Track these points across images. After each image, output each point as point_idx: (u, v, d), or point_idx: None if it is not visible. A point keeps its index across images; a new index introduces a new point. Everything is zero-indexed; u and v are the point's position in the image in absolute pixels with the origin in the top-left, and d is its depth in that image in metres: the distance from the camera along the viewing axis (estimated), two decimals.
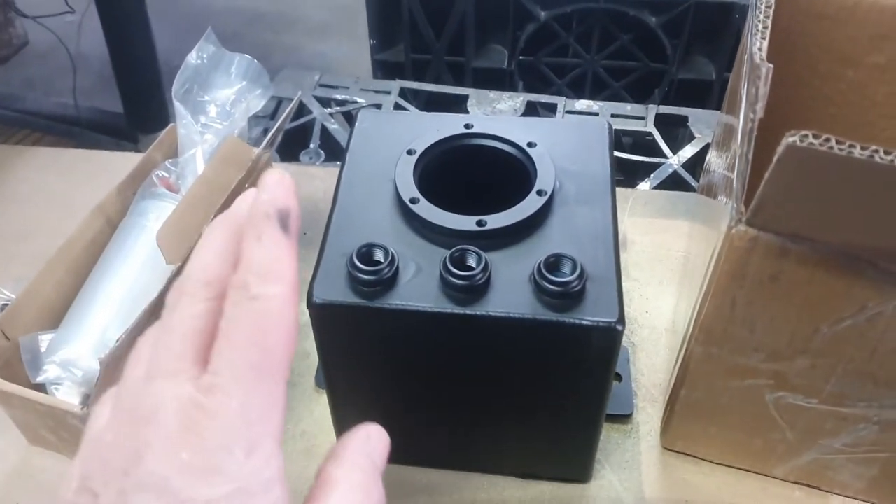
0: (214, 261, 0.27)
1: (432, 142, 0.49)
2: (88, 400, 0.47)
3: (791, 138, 0.32)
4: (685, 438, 0.53)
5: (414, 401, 0.49)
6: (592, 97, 1.03)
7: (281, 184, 0.27)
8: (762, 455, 0.51)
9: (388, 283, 0.42)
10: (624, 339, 0.60)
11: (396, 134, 0.51)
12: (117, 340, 0.46)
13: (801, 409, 0.47)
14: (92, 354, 0.50)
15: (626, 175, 0.79)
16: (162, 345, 0.26)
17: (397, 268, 0.43)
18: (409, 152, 0.49)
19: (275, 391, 0.25)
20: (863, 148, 0.31)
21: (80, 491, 0.24)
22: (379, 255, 0.43)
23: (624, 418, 0.56)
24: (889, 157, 0.31)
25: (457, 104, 0.87)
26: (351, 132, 0.51)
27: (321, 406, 0.56)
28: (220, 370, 0.24)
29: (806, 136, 0.31)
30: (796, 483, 0.52)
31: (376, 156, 0.50)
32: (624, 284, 0.64)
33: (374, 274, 0.42)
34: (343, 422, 0.51)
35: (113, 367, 0.47)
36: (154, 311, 0.50)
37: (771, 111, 0.40)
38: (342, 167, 0.49)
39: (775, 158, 0.33)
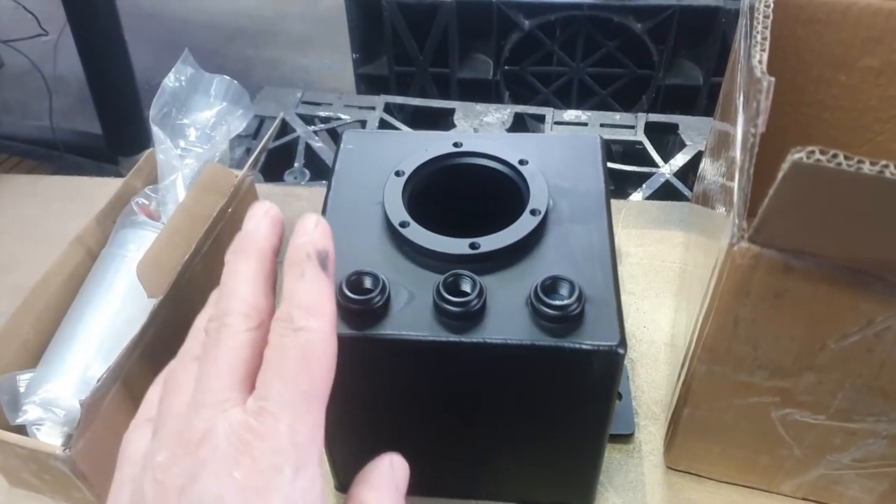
0: (249, 292, 0.29)
1: (421, 162, 0.48)
2: (71, 441, 0.45)
3: (797, 155, 0.30)
4: (689, 457, 0.52)
5: (409, 430, 0.47)
6: (579, 105, 1.02)
7: (319, 226, 0.30)
8: (769, 472, 0.50)
9: (380, 311, 0.41)
10: None
11: (383, 155, 0.49)
12: (99, 380, 0.44)
13: (808, 426, 0.45)
14: (74, 393, 0.48)
15: (618, 185, 0.78)
16: (208, 376, 0.28)
17: (389, 295, 0.41)
18: (398, 174, 0.47)
19: (318, 417, 0.27)
20: (872, 163, 0.30)
21: None
22: (369, 283, 0.41)
23: (625, 437, 0.54)
24: None
25: (443, 118, 0.85)
26: (336, 154, 0.50)
27: None
28: (270, 396, 0.26)
29: (812, 152, 0.30)
30: (804, 499, 0.51)
31: (363, 178, 0.48)
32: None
33: (365, 303, 0.40)
34: (336, 454, 0.49)
35: (95, 407, 0.45)
36: (137, 346, 0.48)
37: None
38: (328, 191, 0.48)
39: (780, 175, 0.32)
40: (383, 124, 0.81)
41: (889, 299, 0.37)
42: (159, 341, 0.51)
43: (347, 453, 0.50)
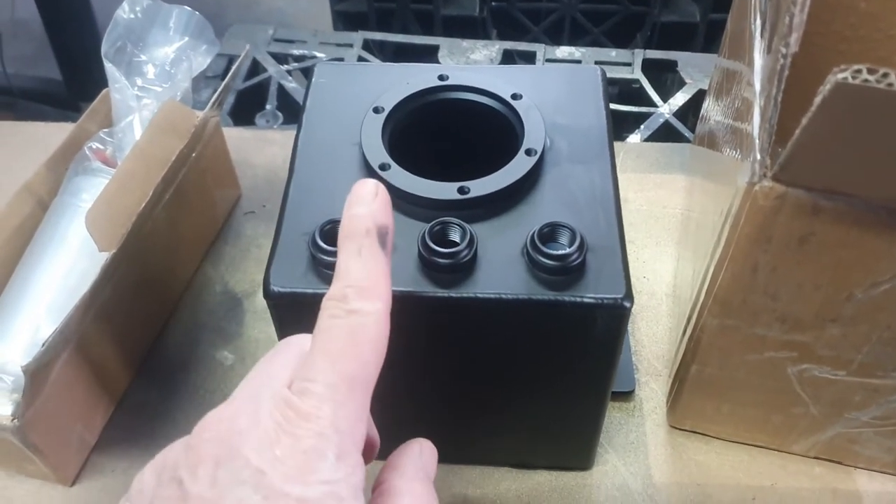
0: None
1: (402, 97, 0.43)
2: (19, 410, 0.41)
3: (841, 75, 0.26)
4: (695, 417, 0.48)
5: (396, 394, 0.43)
6: (571, 44, 0.97)
7: (379, 197, 0.28)
8: (781, 431, 0.46)
9: None
10: None
11: (360, 89, 0.44)
12: (44, 343, 0.40)
13: (827, 382, 0.42)
14: (23, 357, 0.43)
15: (615, 126, 0.73)
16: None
17: None
18: (376, 110, 0.42)
19: (363, 404, 0.26)
20: None
21: (162, 483, 0.24)
22: None
23: (625, 395, 0.51)
24: None
25: (427, 56, 0.80)
26: (307, 89, 0.45)
27: None
28: (315, 377, 0.25)
29: (859, 70, 0.26)
30: (817, 458, 0.48)
31: (338, 116, 0.43)
32: None
33: None
34: None
35: (42, 373, 0.41)
36: (90, 306, 0.43)
37: None
38: (298, 131, 0.43)
39: (818, 100, 0.27)
40: (362, 62, 0.75)
41: None
42: (115, 300, 0.47)
43: None
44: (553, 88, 0.45)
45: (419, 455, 0.31)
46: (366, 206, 0.28)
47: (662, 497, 0.46)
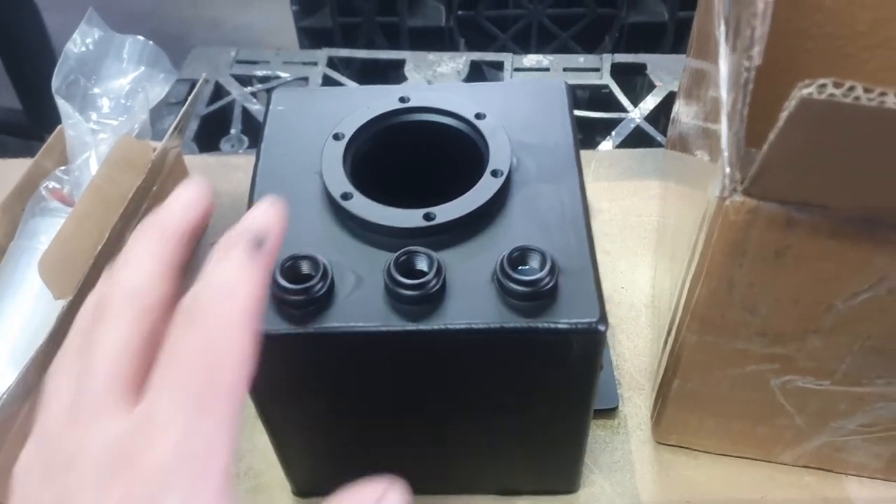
0: (143, 272, 0.24)
1: (363, 122, 0.42)
2: None
3: (806, 90, 0.25)
4: (680, 432, 0.47)
5: (371, 430, 0.42)
6: (540, 50, 0.96)
7: (270, 209, 0.25)
8: (767, 443, 0.46)
9: (323, 301, 0.35)
10: None
11: (319, 115, 0.43)
12: (4, 393, 0.38)
13: (811, 392, 0.41)
14: None
15: (585, 134, 0.72)
16: (87, 375, 0.23)
17: (332, 281, 0.35)
18: (336, 137, 0.41)
19: (221, 423, 0.22)
20: None
21: None
22: (307, 268, 0.35)
23: (609, 412, 0.50)
24: None
25: (393, 70, 0.78)
26: (265, 117, 0.44)
27: (266, 436, 0.49)
28: (158, 400, 0.22)
29: (824, 85, 0.25)
30: (806, 468, 0.47)
31: (297, 144, 0.42)
32: None
33: (304, 292, 0.34)
34: (290, 459, 0.44)
35: (3, 428, 0.39)
36: (49, 355, 0.42)
37: None
38: (256, 162, 0.41)
39: (784, 115, 0.26)
40: (327, 80, 0.74)
41: None
42: None
43: (303, 457, 0.44)
44: (518, 105, 0.44)
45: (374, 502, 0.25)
46: (249, 220, 0.25)
47: None
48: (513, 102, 0.44)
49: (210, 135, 0.71)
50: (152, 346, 0.23)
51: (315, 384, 0.38)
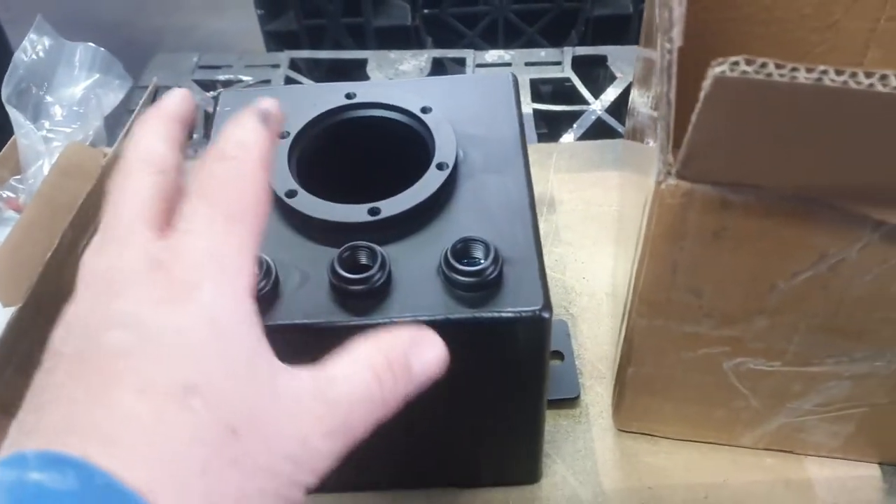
0: (156, 142, 0.27)
1: (308, 120, 0.42)
2: None
3: (719, 68, 0.25)
4: (640, 418, 0.47)
5: None
6: (507, 46, 0.96)
7: (271, 100, 0.28)
8: (726, 426, 0.46)
9: (268, 298, 0.35)
10: (562, 310, 0.54)
11: None
12: None
13: (763, 374, 0.41)
14: None
15: (550, 128, 0.72)
16: (113, 218, 0.25)
17: (276, 278, 0.35)
18: (282, 135, 0.41)
19: (246, 242, 0.25)
20: (808, 70, 0.25)
21: (45, 364, 0.23)
22: None
23: (571, 402, 0.50)
24: (841, 79, 0.25)
25: (356, 70, 0.79)
26: (212, 120, 0.44)
27: None
28: (192, 218, 0.24)
29: (737, 63, 0.25)
30: (767, 450, 0.47)
31: None
32: (556, 250, 0.58)
33: None
34: None
35: None
36: (7, 363, 0.42)
37: (689, 39, 0.33)
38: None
39: (702, 96, 0.26)
40: (289, 83, 0.74)
41: (842, 229, 0.33)
42: (39, 353, 0.45)
43: None
44: (465, 99, 0.44)
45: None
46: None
47: None
48: (460, 96, 0.44)
49: None
50: (168, 197, 0.26)
51: None
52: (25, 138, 0.50)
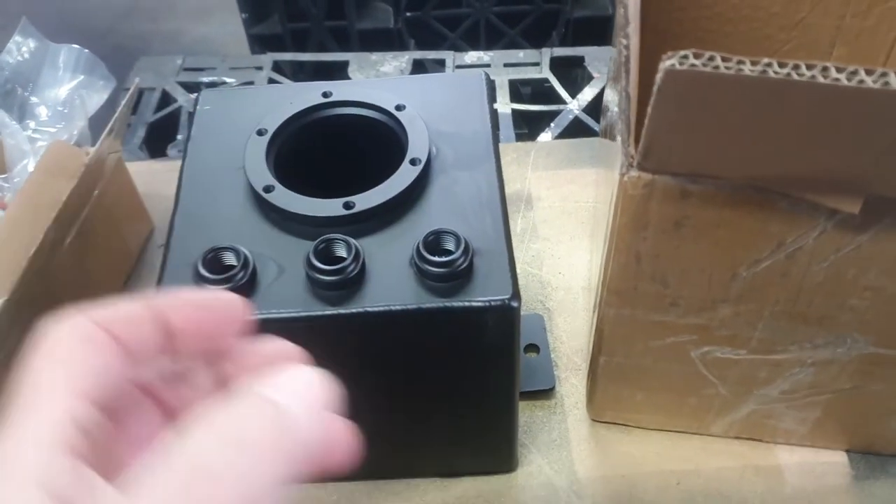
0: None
1: (285, 118, 0.43)
2: None
3: (669, 62, 0.26)
4: (613, 408, 0.48)
5: None
6: (489, 47, 0.97)
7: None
8: (697, 414, 0.47)
9: (245, 289, 0.36)
10: (538, 304, 0.55)
11: (245, 113, 0.44)
12: None
13: (730, 362, 0.42)
14: None
15: (531, 127, 0.74)
16: None
17: (254, 270, 0.36)
18: (260, 133, 0.42)
19: None
20: (753, 63, 0.26)
21: None
22: (230, 259, 0.36)
23: (546, 393, 0.51)
24: (784, 70, 0.26)
25: (339, 72, 0.80)
26: (191, 117, 0.45)
27: None
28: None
29: (686, 56, 0.26)
30: (737, 438, 0.48)
31: (222, 142, 0.43)
32: (534, 245, 0.59)
33: (226, 282, 0.35)
34: None
35: None
36: None
37: (660, 37, 0.35)
38: (183, 161, 0.42)
39: (655, 89, 0.28)
40: (272, 85, 0.75)
41: (797, 217, 0.34)
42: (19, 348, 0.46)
43: None
44: (438, 97, 0.45)
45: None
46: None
47: (588, 492, 0.47)
48: (433, 94, 0.45)
49: (158, 141, 0.71)
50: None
51: None
52: (11, 138, 0.51)
